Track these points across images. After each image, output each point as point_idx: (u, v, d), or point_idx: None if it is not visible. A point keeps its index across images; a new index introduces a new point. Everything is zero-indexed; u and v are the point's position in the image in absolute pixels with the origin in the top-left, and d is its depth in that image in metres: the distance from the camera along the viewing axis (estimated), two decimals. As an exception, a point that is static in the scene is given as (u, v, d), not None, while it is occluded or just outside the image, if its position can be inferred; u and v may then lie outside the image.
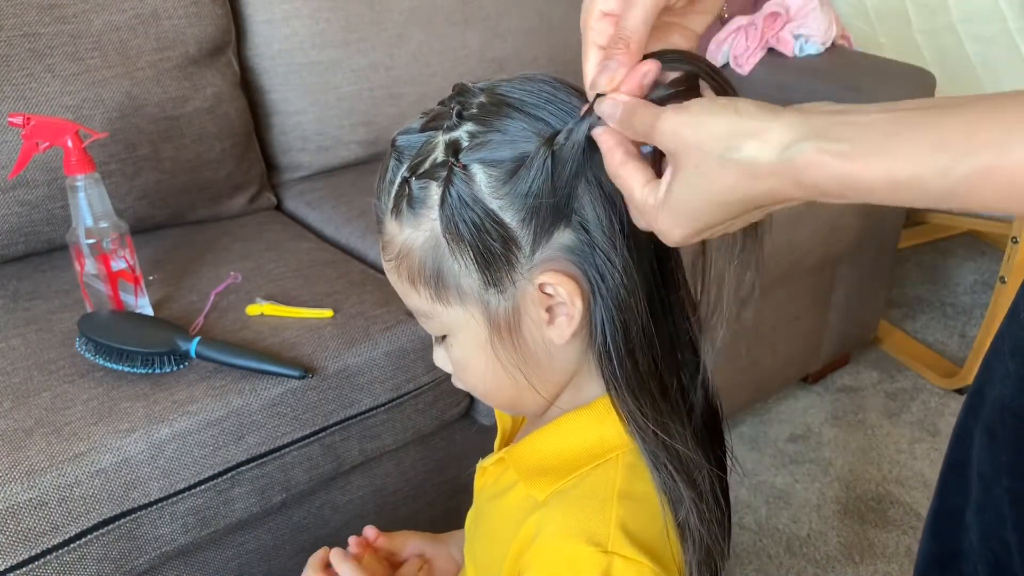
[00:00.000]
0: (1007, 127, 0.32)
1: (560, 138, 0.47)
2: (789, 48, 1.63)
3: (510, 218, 0.48)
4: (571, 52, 1.71)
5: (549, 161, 0.46)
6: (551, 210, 0.48)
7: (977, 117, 0.33)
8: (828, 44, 1.65)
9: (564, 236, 0.49)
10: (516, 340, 0.52)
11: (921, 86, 1.58)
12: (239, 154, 1.30)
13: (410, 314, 0.56)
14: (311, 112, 1.39)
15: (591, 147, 0.47)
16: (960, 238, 2.30)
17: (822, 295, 1.62)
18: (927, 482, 1.53)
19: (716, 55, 1.65)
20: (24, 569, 0.78)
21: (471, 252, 0.49)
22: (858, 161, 0.35)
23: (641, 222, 0.45)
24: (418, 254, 0.51)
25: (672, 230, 0.43)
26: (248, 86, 1.36)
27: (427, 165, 0.49)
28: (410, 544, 0.76)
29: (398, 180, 0.50)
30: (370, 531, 0.74)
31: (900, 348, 1.88)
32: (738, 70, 1.67)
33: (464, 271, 0.50)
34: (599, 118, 0.46)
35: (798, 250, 1.41)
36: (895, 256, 1.75)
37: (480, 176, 0.48)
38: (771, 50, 1.66)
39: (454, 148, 0.48)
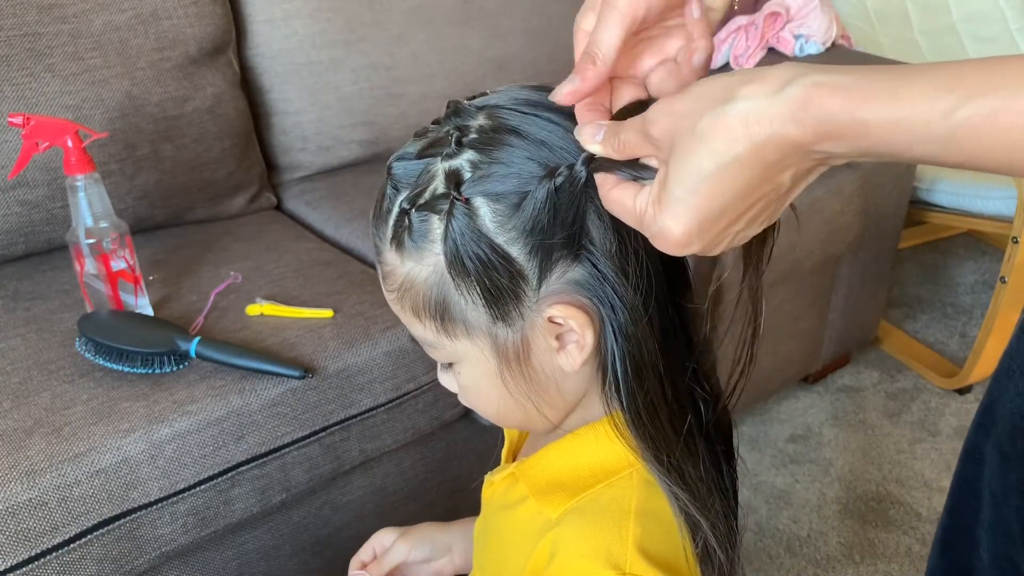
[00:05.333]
0: (1018, 71, 0.31)
1: (560, 174, 0.45)
2: (790, 48, 1.63)
3: (516, 252, 0.46)
4: (571, 52, 1.72)
5: (553, 196, 0.45)
6: (559, 243, 0.46)
7: (987, 64, 0.32)
8: (828, 44, 1.65)
9: (573, 268, 0.47)
10: (526, 370, 0.50)
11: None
12: (239, 154, 1.30)
13: (414, 340, 0.54)
14: (311, 112, 1.39)
15: (592, 179, 0.45)
16: (960, 238, 2.30)
17: (822, 295, 1.62)
18: (927, 482, 1.53)
19: (716, 55, 1.65)
20: (24, 569, 0.78)
21: (477, 287, 0.47)
22: (858, 93, 0.34)
23: (645, 232, 0.43)
24: (422, 288, 0.49)
25: (673, 224, 0.40)
26: (248, 86, 1.36)
27: (427, 196, 0.47)
28: (413, 553, 0.74)
29: (396, 210, 0.48)
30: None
31: (900, 348, 1.87)
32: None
33: (470, 305, 0.48)
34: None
35: (798, 250, 1.41)
36: (895, 256, 1.74)
37: (484, 210, 0.46)
38: (771, 50, 1.66)
39: (455, 180, 0.46)
